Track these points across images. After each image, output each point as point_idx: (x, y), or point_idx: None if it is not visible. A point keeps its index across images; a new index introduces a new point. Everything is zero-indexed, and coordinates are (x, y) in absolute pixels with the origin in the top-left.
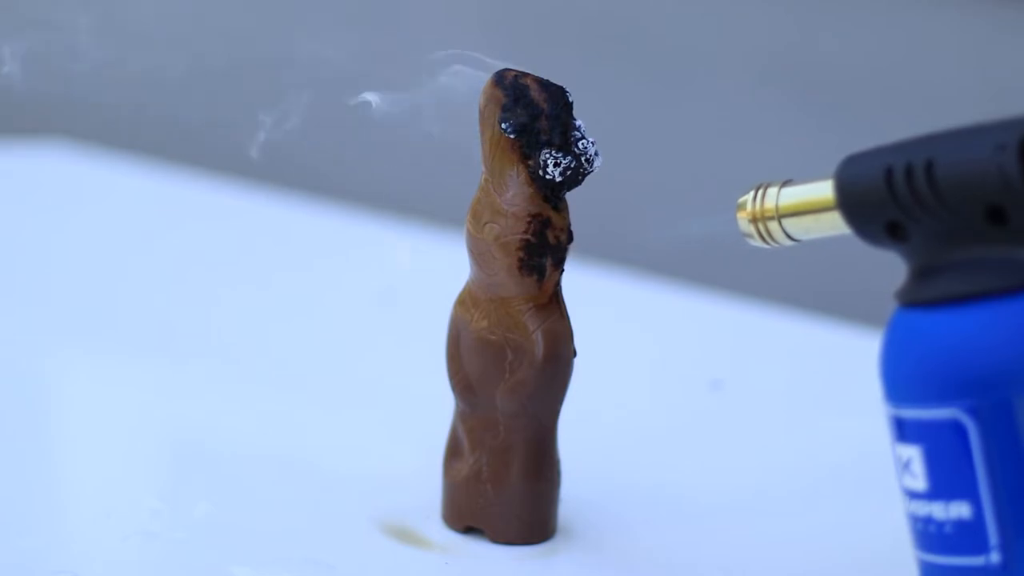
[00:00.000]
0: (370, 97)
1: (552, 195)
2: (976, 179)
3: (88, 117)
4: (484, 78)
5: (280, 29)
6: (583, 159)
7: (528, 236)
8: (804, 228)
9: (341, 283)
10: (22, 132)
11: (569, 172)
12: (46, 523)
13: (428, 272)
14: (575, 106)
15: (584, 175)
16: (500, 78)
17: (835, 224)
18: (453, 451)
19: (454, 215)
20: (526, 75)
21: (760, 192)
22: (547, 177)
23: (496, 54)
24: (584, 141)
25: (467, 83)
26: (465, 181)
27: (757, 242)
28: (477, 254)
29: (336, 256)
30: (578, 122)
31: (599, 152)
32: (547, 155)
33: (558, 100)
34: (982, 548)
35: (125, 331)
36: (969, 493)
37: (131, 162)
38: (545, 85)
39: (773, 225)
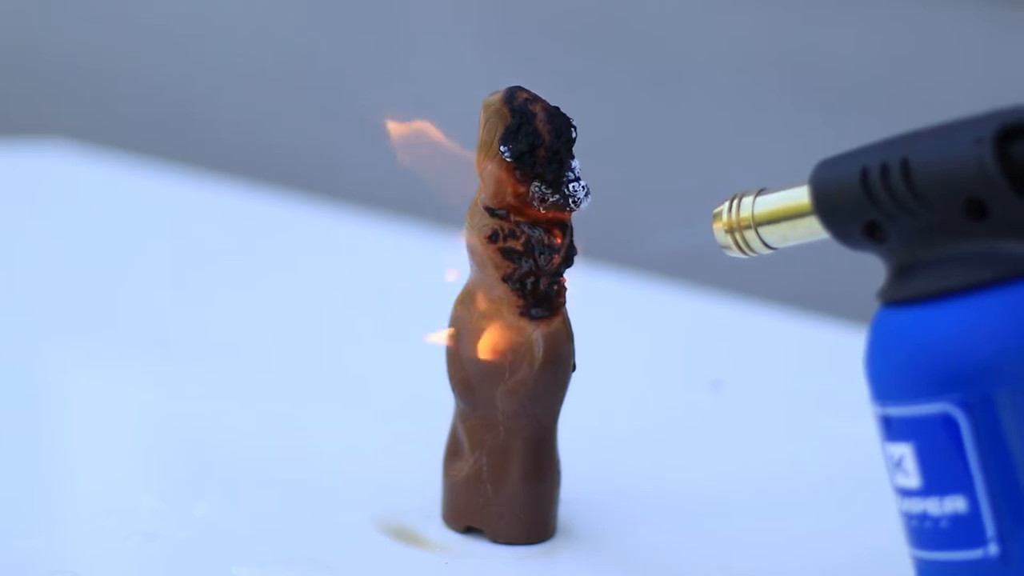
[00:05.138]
0: None
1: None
2: (954, 174)
3: (88, 117)
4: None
5: (282, 30)
6: (570, 200)
7: (515, 245)
8: (781, 235)
9: (341, 283)
10: (22, 132)
11: (555, 209)
12: (46, 523)
13: (428, 272)
14: (578, 131)
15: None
16: (511, 97)
17: (812, 229)
18: (453, 451)
19: (454, 215)
20: (537, 101)
21: (735, 202)
22: (532, 205)
23: (497, 53)
24: (575, 184)
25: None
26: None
27: (735, 252)
28: (475, 254)
29: (336, 256)
30: (575, 162)
31: (589, 194)
32: (536, 188)
33: (561, 134)
34: (979, 541)
35: (125, 331)
36: (964, 486)
37: (131, 162)
38: (552, 116)
39: (750, 234)
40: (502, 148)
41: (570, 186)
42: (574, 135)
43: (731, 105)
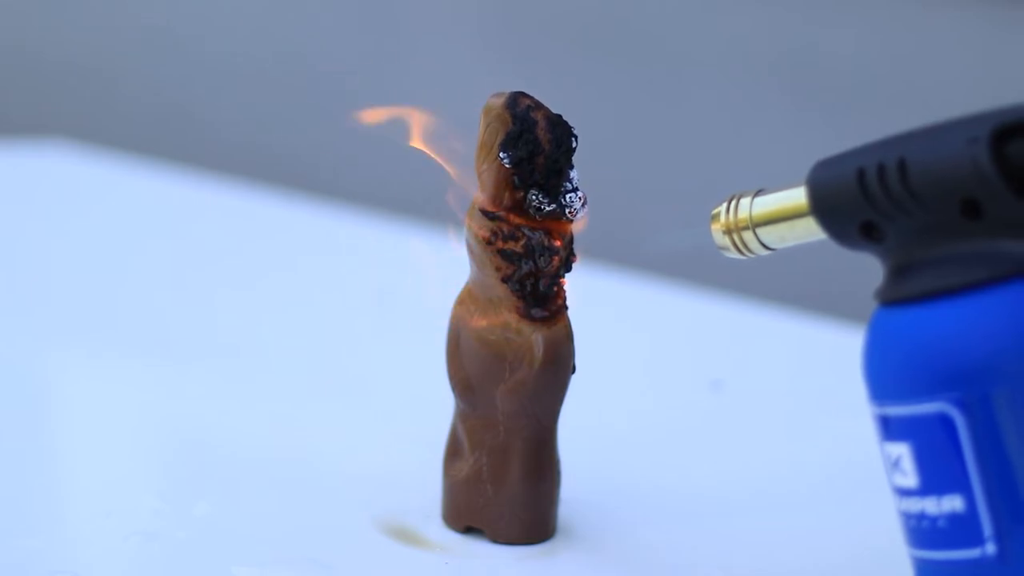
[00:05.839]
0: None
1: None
2: (949, 174)
3: (88, 117)
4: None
5: (281, 30)
6: (566, 210)
7: (514, 247)
8: (779, 236)
9: (341, 283)
10: (22, 132)
11: (550, 218)
12: (46, 523)
13: (428, 272)
14: (579, 131)
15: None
16: (514, 103)
17: (810, 230)
18: (453, 451)
19: (454, 214)
20: (539, 108)
21: (733, 203)
22: (528, 212)
23: (497, 54)
24: (572, 194)
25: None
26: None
27: (733, 253)
28: (475, 255)
29: (336, 256)
30: (573, 172)
31: (586, 204)
32: (534, 196)
33: (561, 143)
34: (977, 540)
35: (125, 331)
36: (961, 485)
37: (131, 162)
38: (553, 125)
39: (748, 235)
40: (501, 154)
41: (567, 196)
42: (574, 145)
43: (731, 105)
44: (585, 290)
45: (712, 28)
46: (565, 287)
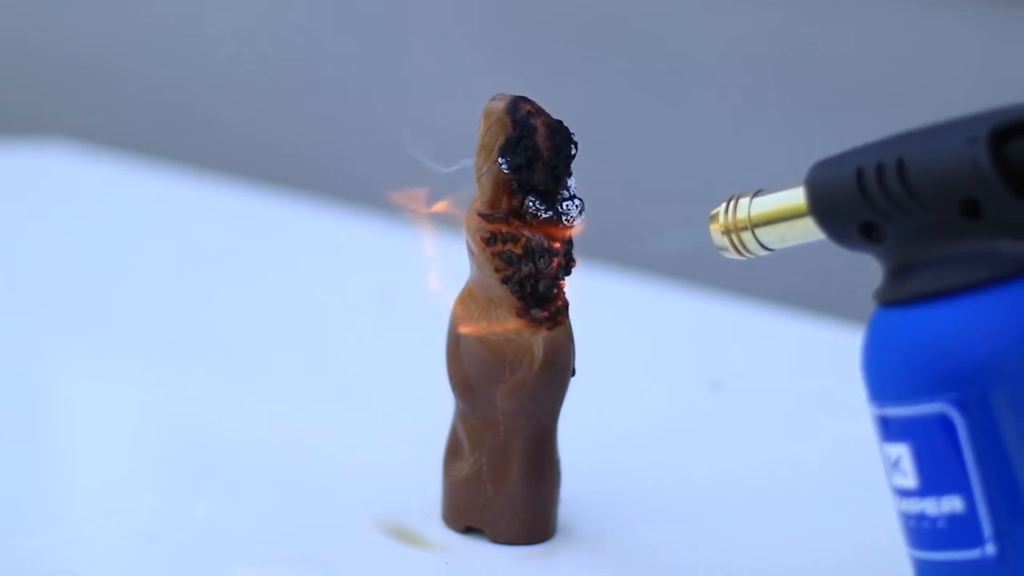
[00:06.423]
0: None
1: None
2: (949, 174)
3: (88, 117)
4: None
5: (281, 29)
6: (563, 217)
7: (514, 248)
8: (778, 236)
9: (341, 283)
10: (22, 132)
11: (547, 224)
12: (46, 523)
13: (428, 272)
14: (578, 131)
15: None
16: (514, 108)
17: (809, 230)
18: (453, 451)
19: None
20: (539, 115)
21: (731, 203)
22: (525, 217)
23: (497, 54)
24: (569, 202)
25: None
26: (466, 182)
27: (732, 254)
28: (474, 256)
29: (336, 256)
30: (571, 180)
31: (583, 211)
32: (531, 202)
33: (560, 150)
34: (977, 540)
35: (125, 331)
36: (960, 486)
37: (131, 162)
38: (553, 132)
39: (747, 236)
40: (500, 160)
41: (564, 204)
42: (574, 151)
43: (731, 105)
44: (585, 290)
45: (712, 28)
46: (565, 289)
